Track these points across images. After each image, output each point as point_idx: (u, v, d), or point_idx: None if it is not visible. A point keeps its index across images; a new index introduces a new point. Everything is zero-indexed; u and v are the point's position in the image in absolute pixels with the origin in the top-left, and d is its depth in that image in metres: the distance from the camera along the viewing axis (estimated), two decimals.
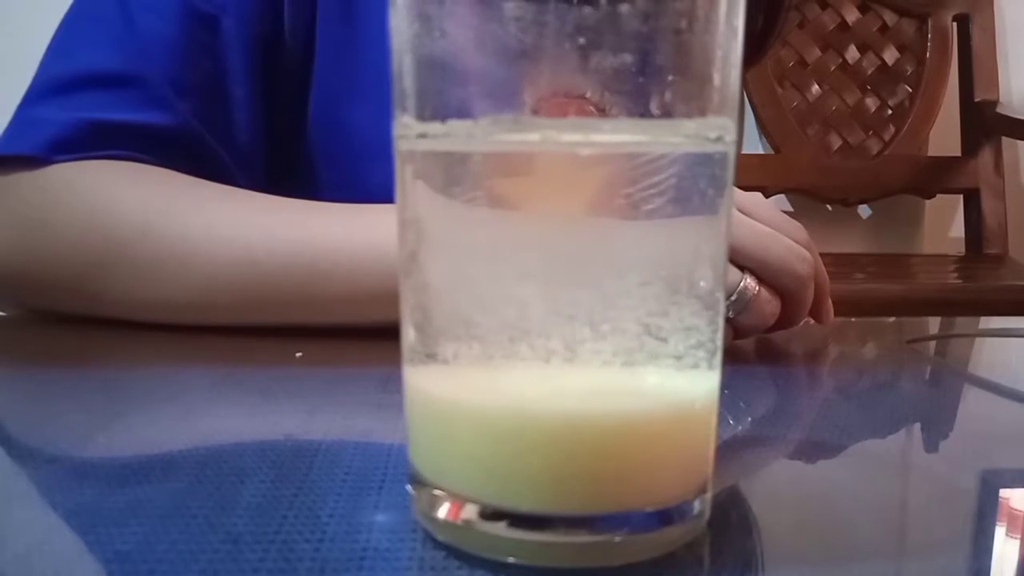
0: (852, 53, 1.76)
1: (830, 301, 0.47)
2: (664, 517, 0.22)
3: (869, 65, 1.77)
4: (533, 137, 0.21)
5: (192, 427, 0.34)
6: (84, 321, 0.48)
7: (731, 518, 0.26)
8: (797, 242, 0.43)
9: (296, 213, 0.47)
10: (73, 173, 0.47)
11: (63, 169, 0.47)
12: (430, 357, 0.23)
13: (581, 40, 0.20)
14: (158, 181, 0.48)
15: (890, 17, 1.77)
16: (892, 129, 1.76)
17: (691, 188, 0.22)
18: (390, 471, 0.28)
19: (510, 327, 0.21)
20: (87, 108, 0.48)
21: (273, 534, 0.24)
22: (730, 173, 0.23)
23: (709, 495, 0.24)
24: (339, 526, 0.24)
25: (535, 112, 0.21)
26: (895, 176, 1.74)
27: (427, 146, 0.22)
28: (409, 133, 0.22)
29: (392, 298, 0.24)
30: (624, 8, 0.20)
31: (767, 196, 1.78)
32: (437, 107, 0.21)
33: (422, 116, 0.22)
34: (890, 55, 1.77)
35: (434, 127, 0.21)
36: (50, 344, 0.47)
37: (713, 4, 0.21)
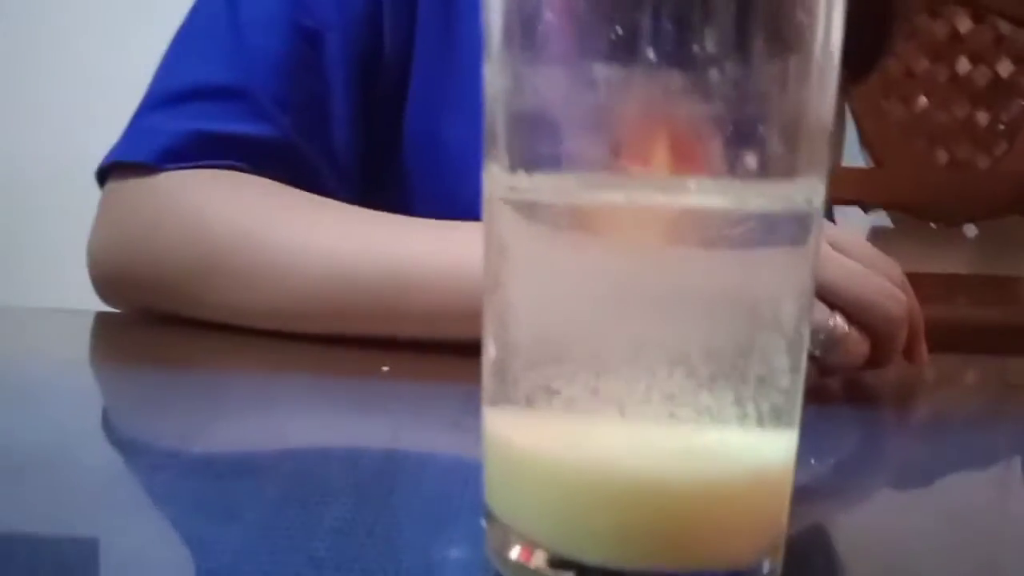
0: (963, 64, 1.70)
1: (924, 342, 0.45)
2: None
3: (981, 77, 1.70)
4: (618, 196, 0.21)
5: (282, 438, 0.36)
6: (186, 323, 0.50)
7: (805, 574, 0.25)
8: (891, 281, 0.42)
9: (392, 227, 0.48)
10: (180, 181, 0.49)
11: (171, 177, 0.50)
12: (508, 395, 0.23)
13: (670, 103, 0.20)
14: (259, 192, 0.50)
15: (1005, 27, 1.69)
16: (1004, 145, 1.68)
17: (775, 243, 0.22)
18: (467, 500, 0.29)
19: (587, 365, 0.21)
20: (196, 119, 0.51)
21: (351, 562, 0.25)
22: (817, 228, 0.23)
23: (781, 555, 0.24)
24: (415, 559, 0.25)
25: (628, 160, 0.21)
26: (1005, 194, 1.67)
27: (512, 196, 0.22)
28: (497, 184, 0.22)
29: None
30: (713, 73, 0.20)
31: (866, 211, 1.73)
32: (525, 160, 0.22)
33: (511, 168, 0.22)
34: (1004, 68, 1.69)
35: (521, 180, 0.22)
36: (153, 343, 0.49)
37: (805, 68, 0.21)
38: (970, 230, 1.79)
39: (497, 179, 0.23)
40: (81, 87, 1.40)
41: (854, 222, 1.71)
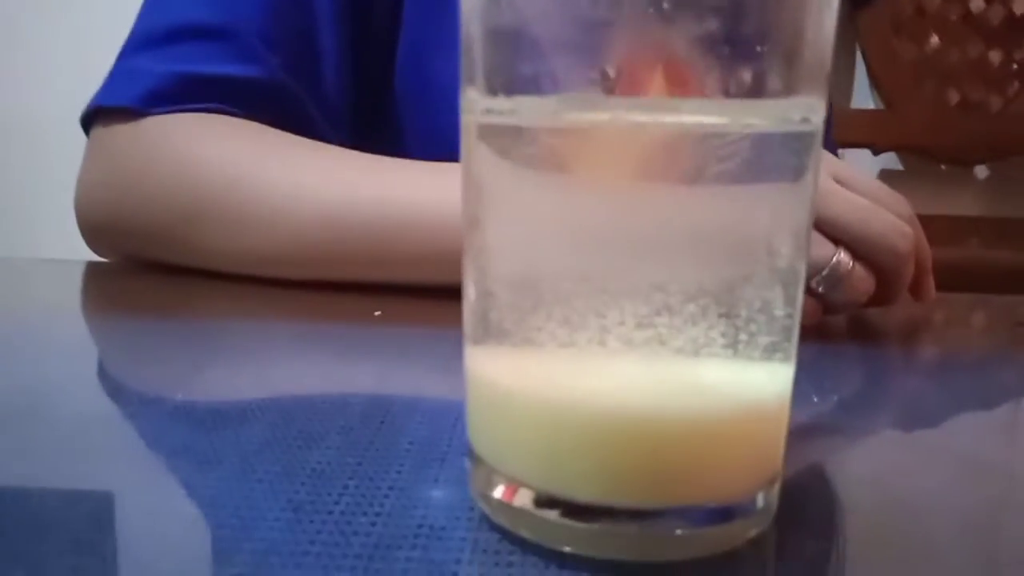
0: (977, 2, 1.65)
1: (932, 279, 0.44)
2: (726, 513, 0.22)
3: (995, 16, 1.65)
4: (603, 117, 0.20)
5: (267, 384, 0.35)
6: (175, 270, 0.49)
7: (802, 514, 0.25)
8: (898, 216, 0.41)
9: (381, 170, 0.47)
10: (166, 126, 0.48)
11: (157, 121, 0.48)
12: (489, 332, 0.22)
13: (657, 12, 0.19)
14: (247, 135, 0.48)
15: None
16: (1016, 85, 1.65)
17: (771, 167, 0.20)
18: (454, 442, 0.28)
19: (569, 303, 0.20)
20: (181, 60, 0.49)
21: (333, 505, 0.24)
22: (816, 149, 0.21)
23: (776, 490, 0.23)
24: (398, 500, 0.24)
25: (616, 80, 0.20)
26: (1017, 135, 1.64)
27: (492, 120, 0.21)
28: (474, 108, 0.21)
29: None
30: None
31: (876, 154, 1.70)
32: (504, 82, 0.21)
33: (489, 90, 0.21)
34: (1019, 5, 1.65)
35: (500, 103, 0.20)
36: (142, 291, 0.48)
37: None
38: (981, 171, 1.76)
39: (474, 104, 0.21)
40: (75, 36, 1.38)
41: (864, 164, 1.69)
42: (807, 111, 0.20)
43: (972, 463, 0.30)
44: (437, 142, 0.50)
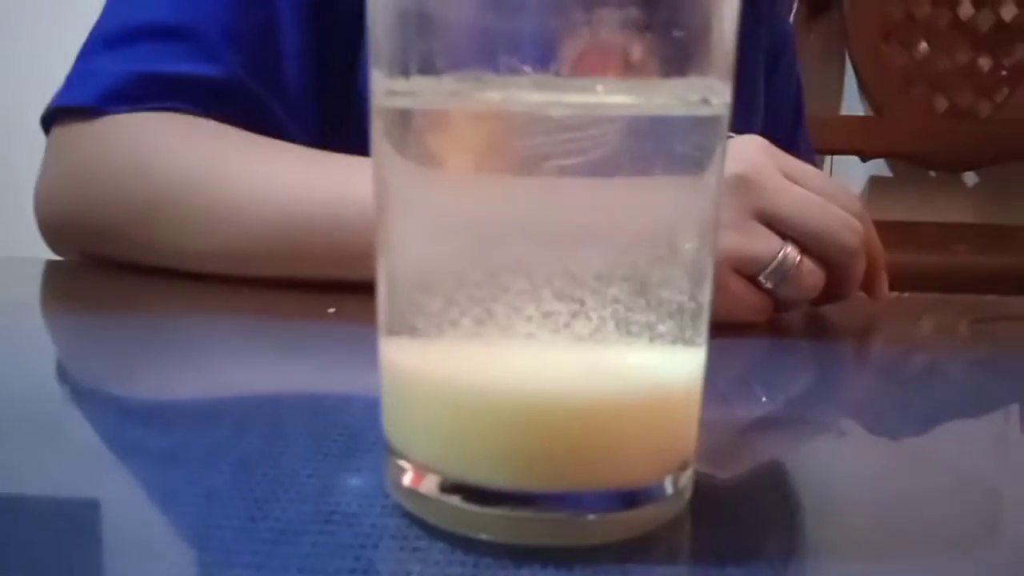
0: (966, 9, 1.66)
1: (885, 276, 0.44)
2: (632, 497, 0.21)
3: (984, 22, 1.66)
4: (498, 96, 0.20)
5: (208, 377, 0.35)
6: (133, 269, 0.49)
7: (721, 502, 0.25)
8: (848, 211, 0.40)
9: (337, 168, 0.47)
10: (124, 124, 0.48)
11: (115, 120, 0.48)
12: (396, 323, 0.22)
13: None
14: (205, 133, 0.48)
15: None
16: (1005, 91, 1.65)
17: (673, 152, 0.20)
18: (382, 435, 0.28)
19: (473, 294, 0.20)
20: (141, 60, 0.49)
21: (248, 491, 0.24)
22: (720, 136, 0.21)
23: (689, 476, 0.23)
24: (314, 487, 0.24)
25: (516, 68, 0.20)
26: (1006, 141, 1.64)
27: (392, 103, 0.21)
28: (378, 89, 0.21)
29: None
30: None
31: (865, 160, 1.70)
32: (405, 64, 0.21)
33: (390, 71, 0.21)
34: (1008, 11, 1.65)
35: (399, 83, 0.20)
36: (99, 289, 0.48)
37: None
38: (970, 178, 1.76)
39: (377, 85, 0.21)
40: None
41: (853, 171, 1.69)
42: (707, 92, 0.20)
43: (895, 449, 0.30)
44: None
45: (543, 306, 0.20)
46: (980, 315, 0.51)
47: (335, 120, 0.56)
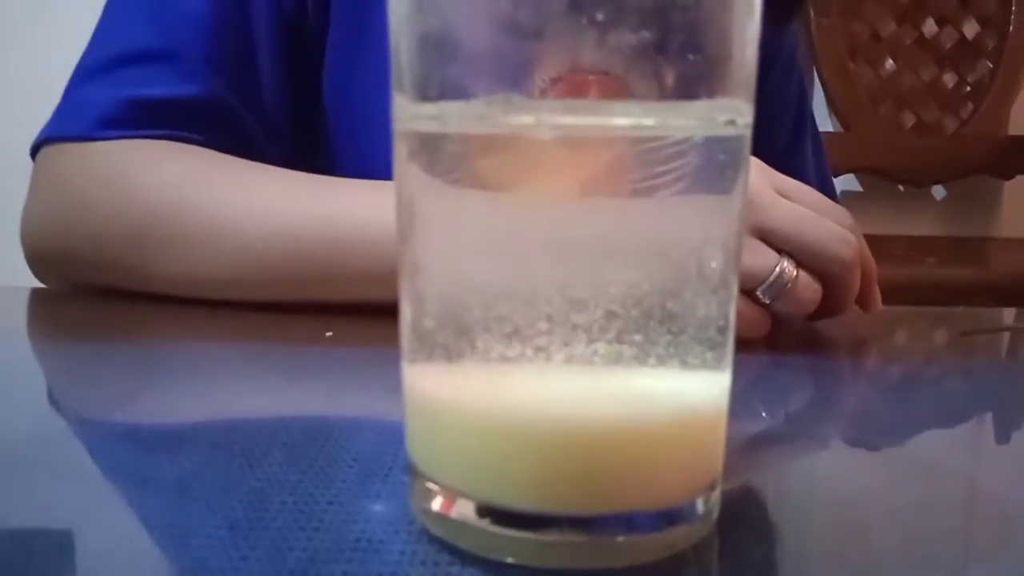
0: (930, 27, 1.69)
1: (877, 289, 0.44)
2: (666, 518, 0.21)
3: (947, 39, 1.69)
4: (528, 120, 0.20)
5: (211, 404, 0.35)
6: (124, 295, 0.49)
7: (744, 519, 0.25)
8: (841, 226, 0.41)
9: (326, 189, 0.47)
10: (112, 152, 0.48)
11: (103, 147, 0.48)
12: (422, 348, 0.22)
13: (580, 17, 0.19)
14: (192, 158, 0.48)
15: None
16: (970, 106, 1.69)
17: (698, 173, 0.21)
18: (399, 459, 0.28)
19: (502, 317, 0.20)
20: (127, 85, 0.49)
21: (270, 521, 0.24)
22: (744, 156, 0.22)
23: (717, 495, 0.23)
24: (336, 514, 0.24)
25: (543, 92, 0.20)
26: (972, 156, 1.67)
27: (419, 127, 0.21)
28: (403, 115, 0.21)
29: None
30: None
31: (836, 175, 1.72)
32: (431, 88, 0.21)
33: (416, 97, 0.21)
34: (970, 29, 1.69)
35: (427, 108, 0.20)
36: (89, 316, 0.48)
37: None
38: (938, 192, 1.79)
39: (403, 111, 0.21)
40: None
41: None
42: (733, 113, 0.21)
43: (907, 464, 0.30)
44: (361, 164, 0.50)
45: (576, 330, 0.20)
46: (967, 327, 0.51)
47: (308, 140, 0.56)
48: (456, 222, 0.21)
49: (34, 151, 0.51)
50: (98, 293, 0.50)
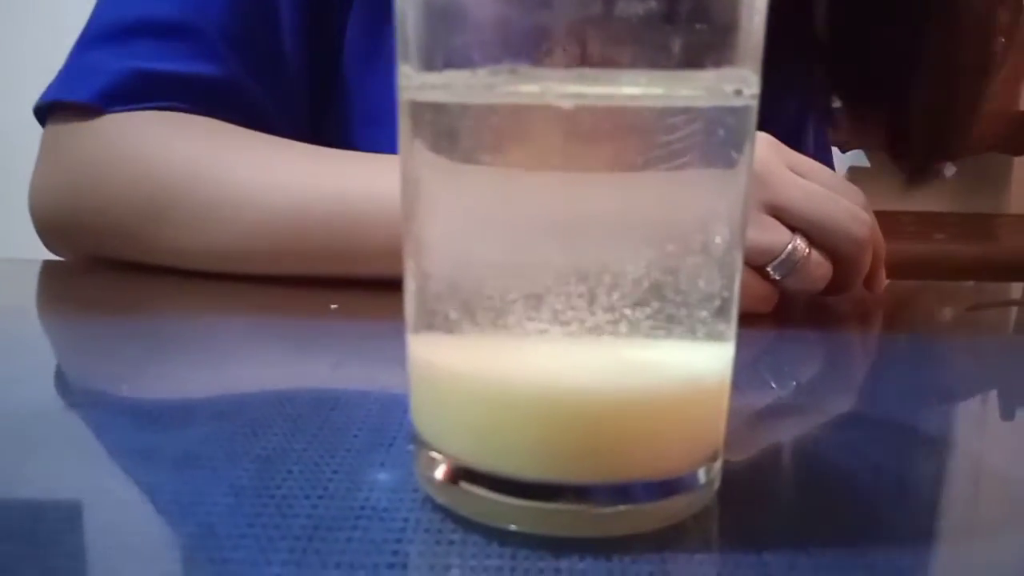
0: None
1: (883, 269, 0.44)
2: (668, 488, 0.22)
3: None
4: (533, 89, 0.20)
5: (218, 376, 0.35)
6: (133, 268, 0.49)
7: (746, 490, 0.25)
8: (854, 204, 0.41)
9: (340, 163, 0.47)
10: (126, 124, 0.48)
11: (114, 120, 0.48)
12: (427, 319, 0.22)
13: None
14: (207, 132, 0.48)
15: None
16: None
17: (706, 143, 0.21)
18: (404, 428, 0.28)
19: (506, 289, 0.20)
20: (140, 57, 0.49)
21: (275, 488, 0.24)
22: (751, 126, 0.21)
23: (718, 466, 0.23)
24: (341, 483, 0.24)
25: (548, 53, 0.20)
26: (983, 132, 1.66)
27: (424, 97, 0.21)
28: (409, 84, 0.21)
29: None
30: None
31: (845, 152, 1.71)
32: (436, 57, 0.20)
33: (421, 67, 0.21)
34: None
35: (432, 77, 0.20)
36: (96, 290, 0.48)
37: None
38: (948, 168, 1.78)
39: (408, 80, 0.21)
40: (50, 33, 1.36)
41: (834, 161, 1.70)
42: (740, 83, 0.21)
43: (910, 437, 0.30)
44: (380, 143, 0.50)
45: (577, 300, 0.20)
46: (976, 302, 0.51)
47: (324, 113, 0.56)
48: (460, 193, 0.21)
49: (38, 111, 0.51)
50: (105, 267, 0.50)
